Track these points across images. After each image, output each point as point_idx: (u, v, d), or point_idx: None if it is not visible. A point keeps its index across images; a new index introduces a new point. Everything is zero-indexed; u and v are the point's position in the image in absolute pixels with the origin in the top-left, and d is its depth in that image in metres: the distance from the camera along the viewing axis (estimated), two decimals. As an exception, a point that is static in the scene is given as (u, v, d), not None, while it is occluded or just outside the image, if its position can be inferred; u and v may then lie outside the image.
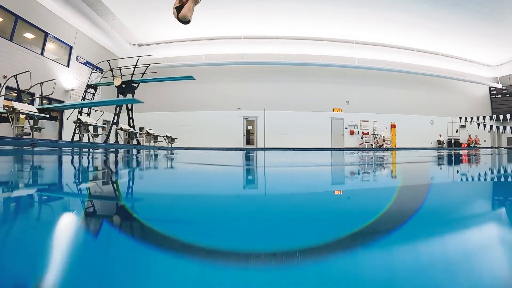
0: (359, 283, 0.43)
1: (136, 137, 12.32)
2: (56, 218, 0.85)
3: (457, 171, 3.01)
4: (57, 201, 1.16)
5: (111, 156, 4.87)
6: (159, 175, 2.45)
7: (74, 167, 2.93)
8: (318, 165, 3.56)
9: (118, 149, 8.36)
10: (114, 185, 1.64)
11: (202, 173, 2.54)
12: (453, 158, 5.62)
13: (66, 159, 3.98)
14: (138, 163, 3.60)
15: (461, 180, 2.31)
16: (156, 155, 5.60)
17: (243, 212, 1.00)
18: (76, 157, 4.25)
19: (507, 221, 0.94)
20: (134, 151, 7.05)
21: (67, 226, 0.76)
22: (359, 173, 2.61)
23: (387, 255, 0.56)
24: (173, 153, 7.02)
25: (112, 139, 11.47)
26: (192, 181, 2.01)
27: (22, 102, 8.62)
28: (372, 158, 5.26)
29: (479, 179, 2.33)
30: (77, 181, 1.85)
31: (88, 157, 4.37)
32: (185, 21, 4.85)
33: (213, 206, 1.09)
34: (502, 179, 2.42)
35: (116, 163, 3.70)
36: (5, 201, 1.07)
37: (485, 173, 2.75)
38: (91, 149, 7.80)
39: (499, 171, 3.05)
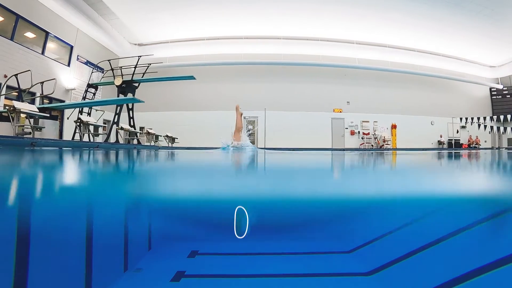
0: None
1: (137, 136, 12.32)
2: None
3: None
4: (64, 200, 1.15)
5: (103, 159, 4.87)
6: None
7: (77, 167, 2.93)
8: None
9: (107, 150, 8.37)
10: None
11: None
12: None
13: (68, 158, 3.97)
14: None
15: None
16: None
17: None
18: (77, 157, 4.24)
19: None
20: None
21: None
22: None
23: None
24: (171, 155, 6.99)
25: (112, 139, 11.47)
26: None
27: (22, 101, 8.61)
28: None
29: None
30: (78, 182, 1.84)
31: (87, 158, 4.36)
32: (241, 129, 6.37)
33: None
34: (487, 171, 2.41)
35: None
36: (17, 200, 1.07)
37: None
38: (91, 149, 7.79)
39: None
